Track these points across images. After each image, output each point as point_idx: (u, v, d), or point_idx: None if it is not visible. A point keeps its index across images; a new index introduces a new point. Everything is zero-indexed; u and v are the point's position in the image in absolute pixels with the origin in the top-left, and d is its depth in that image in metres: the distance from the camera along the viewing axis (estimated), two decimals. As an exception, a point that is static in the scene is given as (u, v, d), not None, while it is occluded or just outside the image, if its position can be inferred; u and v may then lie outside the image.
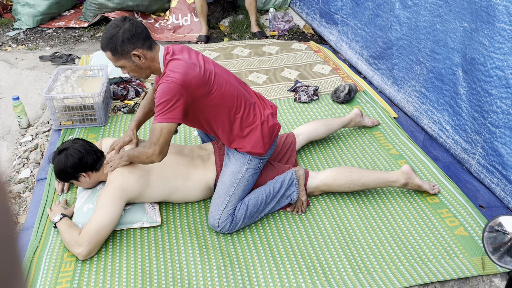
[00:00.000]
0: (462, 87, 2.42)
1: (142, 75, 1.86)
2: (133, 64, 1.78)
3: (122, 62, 1.77)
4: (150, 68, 1.83)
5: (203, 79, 1.78)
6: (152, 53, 1.80)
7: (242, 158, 1.96)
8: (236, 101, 1.89)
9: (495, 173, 2.20)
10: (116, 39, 1.71)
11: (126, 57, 1.75)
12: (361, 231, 2.00)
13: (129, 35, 1.72)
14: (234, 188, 1.94)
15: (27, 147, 2.69)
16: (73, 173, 1.97)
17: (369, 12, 3.35)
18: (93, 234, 1.79)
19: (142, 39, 1.75)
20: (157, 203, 2.08)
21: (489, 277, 1.80)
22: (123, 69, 1.82)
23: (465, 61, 2.39)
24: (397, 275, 1.79)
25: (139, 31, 1.75)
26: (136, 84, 3.21)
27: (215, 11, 4.70)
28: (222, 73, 1.90)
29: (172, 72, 1.73)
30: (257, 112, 1.95)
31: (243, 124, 1.92)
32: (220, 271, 1.80)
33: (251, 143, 1.93)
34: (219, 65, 1.96)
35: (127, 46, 1.73)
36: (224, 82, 1.87)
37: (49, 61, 3.86)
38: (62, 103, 2.66)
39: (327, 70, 3.55)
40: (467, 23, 2.35)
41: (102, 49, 1.78)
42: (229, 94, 1.87)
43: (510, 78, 2.05)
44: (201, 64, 1.82)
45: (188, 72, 1.74)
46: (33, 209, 2.14)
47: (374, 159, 2.48)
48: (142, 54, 1.76)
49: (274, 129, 2.00)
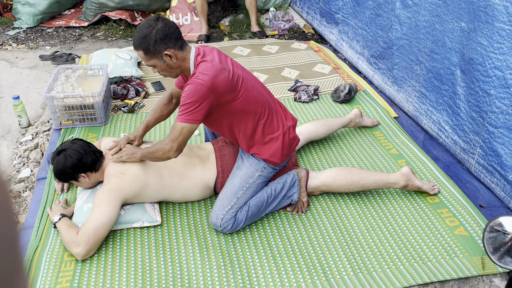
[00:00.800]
0: (460, 87, 2.42)
1: (172, 74, 1.88)
2: (164, 63, 1.80)
3: (154, 61, 1.79)
4: (181, 67, 1.84)
5: (231, 83, 1.79)
6: (183, 53, 1.81)
7: (257, 164, 1.97)
8: (261, 107, 1.90)
9: (494, 173, 2.20)
10: (149, 39, 1.73)
11: (158, 56, 1.77)
12: (361, 231, 2.00)
13: (162, 35, 1.74)
14: (243, 191, 1.95)
15: (27, 146, 2.69)
16: (72, 173, 1.97)
17: (370, 11, 3.35)
18: (90, 234, 1.79)
19: (174, 39, 1.77)
20: (157, 203, 2.08)
21: (489, 277, 1.80)
22: (153, 68, 1.83)
23: (463, 61, 2.39)
24: (397, 275, 1.79)
25: (172, 31, 1.76)
26: (136, 83, 3.21)
27: (215, 11, 4.70)
28: (249, 78, 1.92)
29: (202, 74, 1.74)
30: (279, 122, 1.97)
31: (266, 131, 1.93)
32: (220, 270, 1.80)
33: (270, 151, 1.95)
34: (247, 70, 1.98)
35: (160, 46, 1.74)
36: (251, 87, 1.88)
37: (49, 60, 3.86)
38: (62, 102, 2.66)
39: (327, 70, 3.55)
40: (464, 23, 2.35)
41: (134, 48, 1.79)
42: (254, 100, 1.88)
43: (509, 78, 2.05)
44: (230, 68, 1.83)
45: (217, 76, 1.75)
46: (33, 208, 2.14)
47: (374, 159, 2.48)
48: (173, 54, 1.77)
49: (293, 142, 2.02)
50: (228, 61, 1.87)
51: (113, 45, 4.24)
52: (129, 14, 4.49)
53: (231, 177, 2.02)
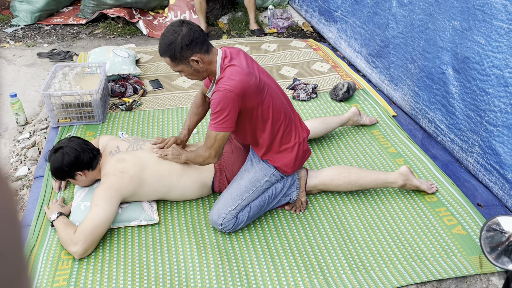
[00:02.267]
0: (453, 86, 2.42)
1: (199, 78, 1.87)
2: (191, 68, 1.79)
3: (181, 67, 1.78)
4: (207, 71, 1.83)
5: (257, 89, 1.79)
6: (209, 56, 1.79)
7: (266, 169, 1.97)
8: (282, 116, 1.90)
9: (492, 171, 2.20)
10: (175, 46, 1.71)
11: (185, 62, 1.76)
12: (359, 230, 2.00)
13: (188, 41, 1.72)
14: (248, 194, 1.95)
15: (24, 144, 2.68)
16: (69, 171, 1.97)
17: (368, 9, 3.34)
18: (88, 232, 1.78)
19: (200, 44, 1.75)
20: (154, 201, 2.08)
21: (486, 276, 1.80)
22: (181, 73, 1.83)
23: (456, 60, 2.39)
24: (395, 274, 1.78)
25: (197, 35, 1.74)
26: (134, 81, 3.20)
27: (214, 8, 4.69)
28: (273, 85, 1.92)
29: (229, 80, 1.73)
30: (296, 132, 1.97)
31: (283, 140, 1.93)
32: (218, 269, 1.80)
33: (283, 160, 1.95)
34: (270, 76, 1.97)
35: (186, 52, 1.73)
36: (275, 95, 1.88)
37: (47, 58, 3.85)
38: (60, 100, 2.65)
39: (326, 68, 3.54)
40: (457, 22, 2.34)
41: (160, 55, 1.78)
42: (277, 108, 1.88)
43: (508, 77, 2.05)
44: (257, 73, 1.82)
45: (245, 81, 1.74)
46: (30, 206, 2.13)
47: (373, 158, 2.48)
48: (200, 59, 1.76)
49: (306, 153, 2.02)
50: (254, 66, 1.86)
51: (111, 43, 4.23)
52: (127, 12, 4.47)
53: (238, 178, 2.01)
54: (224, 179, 2.09)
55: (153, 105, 3.00)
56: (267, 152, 1.95)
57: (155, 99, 3.08)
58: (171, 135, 2.68)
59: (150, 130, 2.74)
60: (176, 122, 2.82)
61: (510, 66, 2.04)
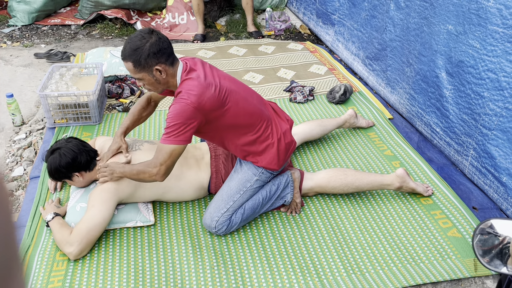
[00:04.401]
0: (447, 90, 2.44)
1: (158, 90, 1.82)
2: (153, 78, 1.73)
3: (142, 74, 1.72)
4: (168, 83, 1.79)
5: (218, 99, 1.75)
6: (173, 69, 1.76)
7: (254, 169, 1.96)
8: (251, 119, 1.87)
9: (487, 175, 2.21)
10: (141, 52, 1.67)
11: (148, 70, 1.71)
12: (355, 232, 2.00)
13: (156, 49, 1.68)
14: (239, 195, 1.94)
15: (20, 145, 2.67)
16: (66, 172, 1.96)
17: (366, 13, 3.36)
18: (84, 234, 1.78)
19: (167, 55, 1.72)
20: (150, 203, 2.07)
21: (481, 279, 1.81)
22: (139, 81, 1.77)
23: (450, 63, 2.40)
24: (390, 276, 1.79)
25: (165, 46, 1.71)
26: (131, 82, 3.20)
27: (212, 10, 4.70)
28: (238, 89, 1.87)
29: (187, 93, 1.70)
30: (274, 128, 1.95)
31: (259, 141, 1.91)
32: (213, 271, 1.80)
33: (266, 159, 1.94)
34: (235, 79, 1.93)
35: (151, 60, 1.68)
36: (241, 99, 1.84)
37: (44, 58, 3.84)
38: (56, 101, 2.64)
39: (323, 71, 3.56)
40: (452, 26, 2.36)
41: (123, 59, 1.71)
42: (245, 112, 1.85)
43: (503, 80, 2.06)
44: (217, 82, 1.78)
45: (203, 94, 1.71)
46: (25, 207, 2.13)
47: (369, 160, 2.48)
48: (164, 70, 1.72)
49: (290, 146, 2.00)
50: (214, 75, 1.81)
51: (108, 44, 4.23)
52: (125, 13, 4.47)
53: (228, 180, 2.01)
54: (220, 181, 2.09)
55: (150, 107, 3.00)
56: (247, 155, 1.94)
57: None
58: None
59: (147, 131, 2.73)
60: (173, 124, 2.81)
61: (505, 70, 2.05)
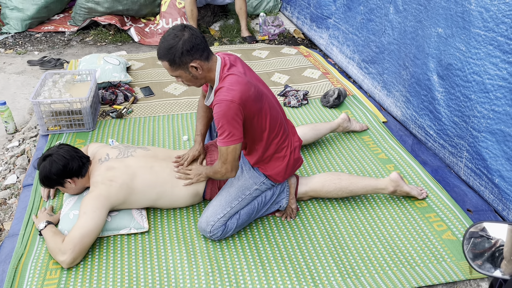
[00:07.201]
0: (439, 93, 2.45)
1: (196, 84, 1.85)
2: (189, 74, 1.76)
3: (179, 72, 1.75)
4: (206, 78, 1.81)
5: (256, 98, 1.78)
6: (209, 64, 1.77)
7: (256, 178, 1.97)
8: (277, 126, 1.90)
9: (482, 176, 2.21)
10: (175, 51, 1.68)
11: (184, 68, 1.73)
12: (350, 236, 2.00)
13: (189, 46, 1.69)
14: (237, 202, 1.94)
15: (13, 152, 2.66)
16: (58, 179, 1.95)
17: (361, 16, 3.37)
18: (76, 241, 1.77)
19: (201, 50, 1.72)
20: (144, 209, 2.06)
21: (476, 281, 1.81)
22: (178, 78, 1.80)
23: (440, 66, 2.41)
24: (385, 280, 1.78)
25: (198, 41, 1.71)
26: (125, 88, 3.19)
27: (206, 16, 4.70)
28: (269, 95, 1.91)
29: (229, 90, 1.71)
30: (288, 142, 1.97)
31: (277, 149, 1.93)
32: (208, 277, 1.79)
33: (275, 169, 1.95)
34: (266, 85, 1.96)
35: (186, 57, 1.70)
36: (271, 105, 1.88)
37: (38, 65, 3.83)
38: (49, 108, 2.63)
39: (316, 75, 3.56)
40: (441, 29, 2.37)
41: (159, 58, 1.74)
42: (274, 117, 1.88)
43: (488, 83, 2.07)
44: (255, 83, 1.82)
45: (245, 91, 1.73)
46: (18, 215, 2.11)
47: (363, 164, 2.49)
48: (199, 66, 1.74)
49: (297, 162, 2.02)
50: (252, 75, 1.85)
51: (102, 50, 4.23)
52: (119, 19, 4.47)
53: (227, 185, 2.01)
54: (216, 187, 2.09)
55: (144, 112, 2.99)
56: (260, 160, 1.95)
57: (146, 106, 3.08)
58: (161, 142, 2.67)
59: (141, 137, 2.73)
60: (167, 129, 2.81)
61: (489, 72, 2.06)
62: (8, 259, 1.87)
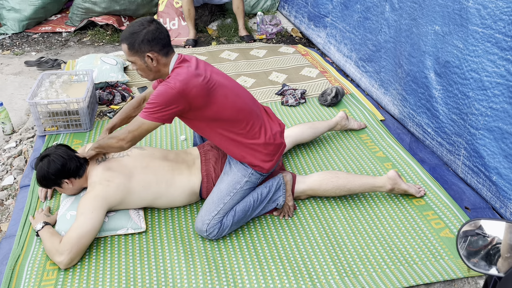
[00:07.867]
0: (436, 90, 2.45)
1: (149, 76, 1.89)
2: (144, 64, 1.82)
3: (135, 58, 1.81)
4: (160, 72, 1.86)
5: (204, 88, 1.80)
6: (166, 59, 1.83)
7: (244, 170, 1.97)
8: (239, 115, 1.90)
9: (480, 174, 2.21)
10: (137, 37, 1.76)
11: (140, 55, 1.79)
12: (347, 234, 2.00)
13: (151, 37, 1.77)
14: (229, 197, 1.94)
15: (10, 153, 2.65)
16: (56, 179, 1.95)
17: (358, 15, 3.36)
18: (74, 242, 1.76)
19: (161, 45, 1.80)
20: (141, 209, 2.06)
21: (474, 279, 1.80)
22: (132, 65, 1.86)
23: (437, 64, 2.41)
24: (383, 278, 1.78)
25: (161, 36, 1.79)
26: (122, 88, 3.19)
27: (203, 15, 4.70)
28: (230, 85, 1.92)
29: (174, 78, 1.77)
30: (263, 129, 1.97)
31: (250, 138, 1.93)
32: (205, 276, 1.79)
33: (256, 158, 1.95)
34: (230, 78, 1.98)
35: (145, 46, 1.77)
36: (231, 94, 1.88)
37: (35, 66, 3.83)
38: (46, 108, 2.63)
39: (314, 73, 3.56)
40: (438, 26, 2.37)
41: (120, 41, 1.83)
42: (233, 106, 1.88)
43: (486, 80, 2.07)
44: (208, 74, 1.84)
45: (189, 81, 1.77)
46: (15, 216, 2.11)
47: (361, 162, 2.48)
48: (155, 58, 1.80)
49: (279, 148, 2.02)
50: (207, 69, 1.88)
51: (99, 50, 4.22)
52: (116, 19, 4.47)
53: (218, 182, 2.00)
54: (211, 185, 2.08)
55: (142, 112, 2.99)
56: (238, 152, 1.95)
57: (143, 106, 3.07)
58: (158, 142, 2.67)
59: (138, 137, 2.72)
60: (164, 129, 2.81)
61: (487, 69, 2.06)
62: (5, 260, 1.87)
